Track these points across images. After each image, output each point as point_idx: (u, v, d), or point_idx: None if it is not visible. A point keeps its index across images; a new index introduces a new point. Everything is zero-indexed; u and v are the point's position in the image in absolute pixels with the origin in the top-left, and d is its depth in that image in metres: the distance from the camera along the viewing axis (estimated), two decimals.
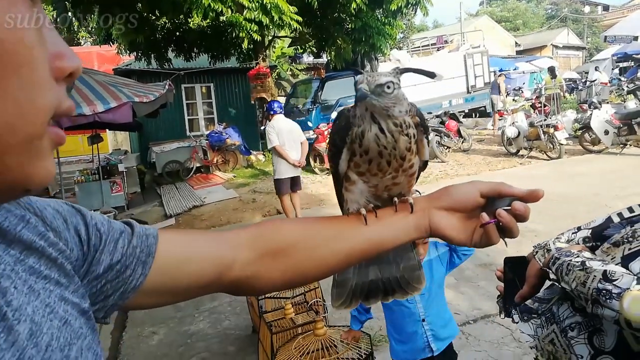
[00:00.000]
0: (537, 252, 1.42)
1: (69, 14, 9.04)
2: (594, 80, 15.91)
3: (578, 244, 1.40)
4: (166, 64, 10.54)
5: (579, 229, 1.43)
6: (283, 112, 6.54)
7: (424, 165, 0.81)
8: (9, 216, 0.46)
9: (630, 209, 1.33)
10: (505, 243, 0.72)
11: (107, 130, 11.36)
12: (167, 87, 6.71)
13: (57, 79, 0.37)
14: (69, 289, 0.49)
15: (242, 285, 0.73)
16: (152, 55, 10.17)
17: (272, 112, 6.28)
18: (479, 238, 0.72)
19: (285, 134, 6.31)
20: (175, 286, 0.67)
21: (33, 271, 0.45)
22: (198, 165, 12.63)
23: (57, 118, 0.38)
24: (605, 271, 1.10)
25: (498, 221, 0.70)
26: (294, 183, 6.41)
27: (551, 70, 16.08)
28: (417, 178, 0.83)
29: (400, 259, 0.83)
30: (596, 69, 17.22)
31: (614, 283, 1.07)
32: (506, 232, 0.71)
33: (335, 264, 0.77)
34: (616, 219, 1.36)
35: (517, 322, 1.41)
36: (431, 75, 0.79)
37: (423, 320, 2.20)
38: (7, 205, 0.46)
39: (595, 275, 1.11)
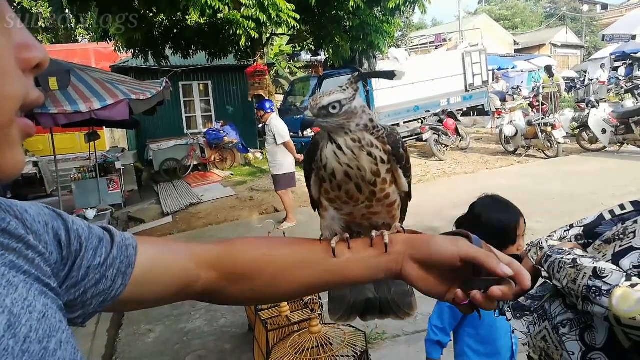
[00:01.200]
0: (530, 249, 1.42)
1: (66, 11, 9.01)
2: (592, 80, 15.93)
3: (570, 241, 1.40)
4: (163, 61, 10.49)
5: (571, 226, 1.43)
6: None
7: (407, 196, 0.77)
8: None
9: (622, 206, 1.33)
10: (480, 316, 0.68)
11: (104, 127, 11.35)
12: (164, 84, 6.68)
13: (24, 70, 0.37)
14: (48, 287, 0.49)
15: (206, 299, 0.76)
16: (150, 52, 10.13)
17: (267, 111, 6.30)
18: (452, 299, 0.66)
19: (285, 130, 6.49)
20: (147, 296, 0.68)
21: (13, 266, 0.46)
22: (195, 163, 12.61)
23: (26, 109, 0.38)
24: (595, 268, 1.09)
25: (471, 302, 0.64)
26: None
27: (548, 69, 16.08)
28: (405, 210, 0.78)
29: (392, 283, 0.80)
30: (601, 66, 17.21)
31: (603, 280, 1.07)
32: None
33: (296, 292, 0.78)
34: (608, 216, 1.36)
35: (510, 320, 1.41)
36: (390, 75, 0.75)
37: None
38: None
39: (585, 273, 1.11)
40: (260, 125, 6.75)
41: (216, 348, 3.67)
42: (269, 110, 6.41)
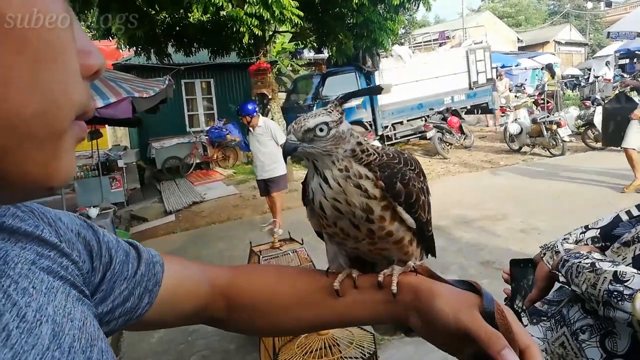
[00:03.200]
0: (544, 253, 1.37)
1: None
2: (597, 77, 15.84)
3: (587, 244, 1.35)
4: (166, 59, 10.44)
5: (587, 228, 1.39)
6: None
7: (422, 230, 0.68)
8: (25, 222, 0.46)
9: (639, 207, 1.29)
10: None
11: (106, 126, 11.30)
12: (167, 82, 6.64)
13: (84, 76, 0.36)
14: (83, 293, 0.48)
15: (215, 324, 0.75)
16: (152, 50, 10.08)
17: (254, 114, 6.10)
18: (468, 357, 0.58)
19: None
20: (169, 315, 0.67)
21: (50, 270, 0.44)
22: (198, 161, 12.60)
23: (83, 117, 0.37)
24: (615, 272, 1.05)
25: None
26: None
27: (549, 68, 16.00)
28: (427, 242, 0.71)
29: None
30: (607, 64, 17.12)
31: (625, 284, 1.02)
32: None
33: (299, 329, 0.78)
34: (625, 217, 1.31)
35: (526, 325, 1.36)
36: (378, 90, 0.69)
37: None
38: (20, 214, 0.46)
39: (605, 277, 1.06)
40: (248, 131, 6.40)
41: (220, 348, 3.63)
42: (255, 113, 6.15)
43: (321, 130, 0.60)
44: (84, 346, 0.42)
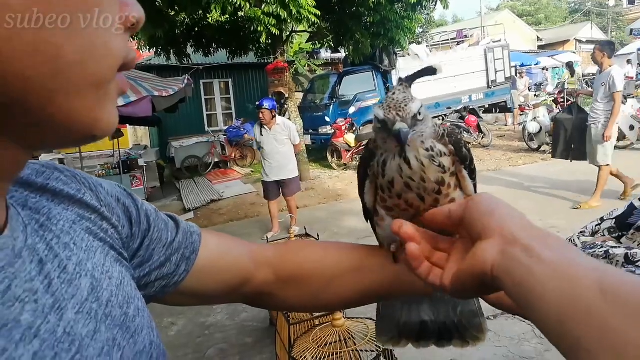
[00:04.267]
0: None
1: None
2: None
3: (603, 235, 1.36)
4: (185, 59, 10.60)
5: (602, 220, 1.39)
6: None
7: None
8: (68, 185, 0.48)
9: None
10: None
11: (127, 125, 11.50)
12: (186, 81, 6.75)
13: (124, 27, 0.37)
14: (122, 256, 0.51)
15: (258, 300, 0.74)
16: (172, 50, 10.25)
17: (274, 109, 5.99)
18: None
19: None
20: (205, 289, 0.67)
21: (90, 232, 0.47)
22: (216, 160, 12.73)
23: (124, 68, 0.38)
24: (627, 254, 1.06)
25: None
26: None
27: (569, 66, 15.74)
28: None
29: (458, 301, 0.71)
30: (628, 62, 16.76)
31: (636, 264, 1.04)
32: None
33: (352, 299, 0.73)
34: (638, 204, 1.32)
35: None
36: (432, 71, 0.68)
37: None
38: (64, 178, 0.48)
39: (618, 260, 1.08)
40: (256, 128, 6.19)
41: (238, 342, 3.69)
42: (275, 109, 6.03)
43: (420, 113, 0.59)
44: (121, 302, 0.44)
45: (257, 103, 6.05)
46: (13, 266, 0.35)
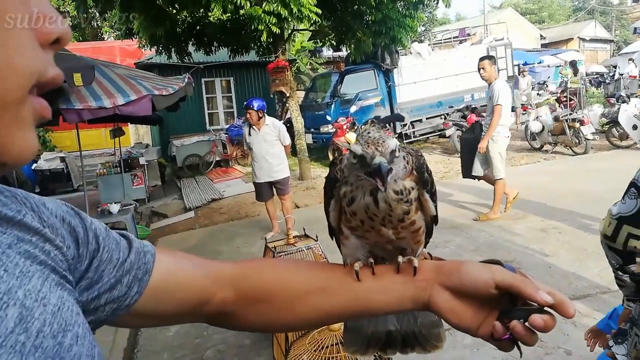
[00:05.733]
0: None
1: (92, 9, 9.16)
2: (622, 74, 15.46)
3: None
4: (186, 57, 10.58)
5: None
6: None
7: (433, 220, 0.70)
8: (7, 206, 0.44)
9: None
10: (521, 353, 0.59)
11: (128, 124, 11.52)
12: (186, 80, 6.71)
13: (42, 44, 0.34)
14: (65, 279, 0.47)
15: (220, 320, 0.71)
16: (173, 49, 10.23)
17: (264, 110, 5.93)
18: (487, 333, 0.60)
19: None
20: (161, 310, 0.64)
21: (28, 255, 0.43)
22: (217, 159, 12.74)
23: (43, 88, 0.35)
24: None
25: (512, 336, 0.57)
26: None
27: (573, 65, 15.67)
28: (430, 234, 0.72)
29: (418, 313, 0.74)
30: (629, 61, 16.68)
31: None
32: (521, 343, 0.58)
33: (315, 320, 0.73)
34: None
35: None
36: (401, 118, 0.69)
37: None
38: (3, 199, 0.45)
39: None
40: (245, 129, 6.16)
41: (236, 343, 3.67)
42: (264, 110, 5.97)
43: (398, 150, 0.60)
44: (55, 331, 0.41)
45: (245, 103, 6.03)
46: None
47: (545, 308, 0.56)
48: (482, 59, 6.11)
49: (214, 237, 6.79)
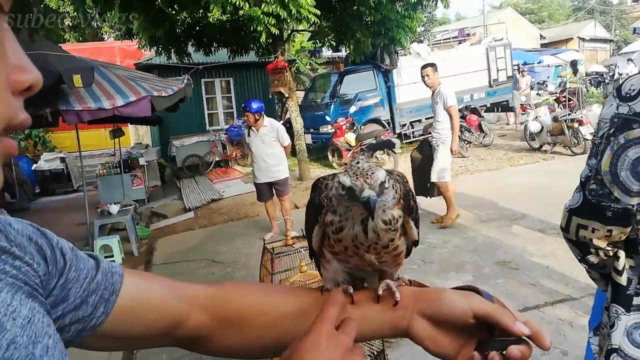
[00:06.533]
0: None
1: (92, 9, 9.17)
2: (621, 74, 15.47)
3: None
4: (186, 58, 10.60)
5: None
6: None
7: (414, 243, 0.70)
8: None
9: None
10: None
11: (128, 124, 11.53)
12: (185, 81, 6.74)
13: (14, 91, 0.36)
14: (36, 291, 0.48)
15: (194, 344, 0.70)
16: (172, 49, 10.25)
17: (261, 112, 5.93)
18: None
19: None
20: (130, 333, 0.63)
21: None
22: (217, 159, 12.76)
23: (11, 130, 0.37)
24: None
25: None
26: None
27: (573, 65, 15.69)
28: (409, 254, 0.72)
29: None
30: (629, 60, 16.70)
31: None
32: None
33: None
34: None
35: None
36: (391, 144, 0.68)
37: None
38: None
39: None
40: (245, 131, 6.20)
41: None
42: (262, 112, 5.98)
43: (388, 181, 0.60)
44: (25, 343, 0.42)
45: (243, 105, 6.06)
46: None
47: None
48: (425, 67, 6.18)
49: (213, 237, 6.80)
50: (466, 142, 11.09)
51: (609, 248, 1.17)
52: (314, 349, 0.53)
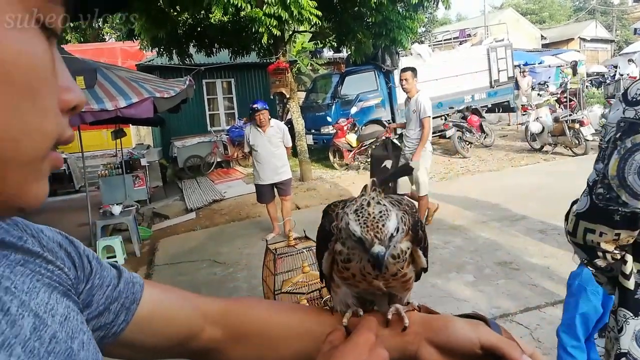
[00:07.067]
0: None
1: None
2: (622, 75, 15.47)
3: None
4: (187, 59, 10.63)
5: None
6: None
7: (423, 270, 0.71)
8: (10, 233, 0.49)
9: None
10: None
11: (130, 125, 11.55)
12: (187, 82, 6.76)
13: (62, 110, 0.40)
14: (70, 291, 0.52)
15: (204, 356, 0.72)
16: (174, 50, 10.28)
17: (267, 108, 5.95)
18: None
19: None
20: (148, 342, 0.65)
21: (35, 272, 0.48)
22: (219, 160, 12.77)
23: (58, 145, 0.41)
24: None
25: None
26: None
27: (573, 66, 15.70)
28: (418, 278, 0.72)
29: None
30: (630, 61, 16.69)
31: None
32: None
33: None
34: None
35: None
36: (409, 170, 0.68)
37: None
38: (5, 226, 0.49)
39: None
40: (248, 130, 6.18)
41: None
42: (267, 109, 6.01)
43: (397, 230, 0.59)
44: (64, 338, 0.46)
45: (254, 106, 6.00)
46: None
47: None
48: (405, 70, 5.87)
49: (215, 238, 6.82)
50: (467, 143, 11.11)
51: (616, 252, 1.17)
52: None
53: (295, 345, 0.70)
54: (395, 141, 6.81)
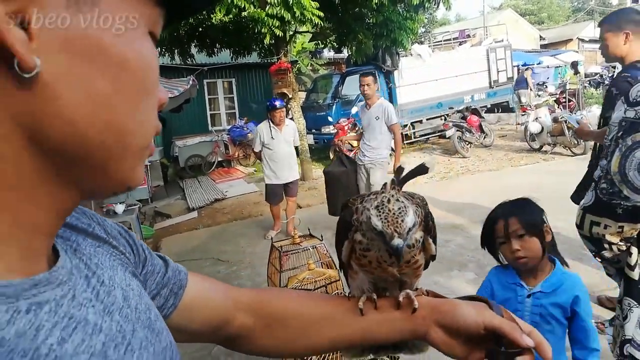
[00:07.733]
0: None
1: None
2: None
3: None
4: (189, 59, 10.68)
5: None
6: None
7: (432, 257, 0.78)
8: (80, 220, 0.56)
9: None
10: None
11: None
12: (190, 82, 6.82)
13: (158, 106, 0.48)
14: (135, 273, 0.59)
15: (236, 342, 0.77)
16: (176, 50, 10.33)
17: (284, 106, 5.93)
18: None
19: None
20: (189, 327, 0.71)
21: (110, 254, 0.55)
22: (220, 159, 12.81)
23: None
24: None
25: None
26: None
27: (574, 66, 15.76)
28: (427, 266, 0.79)
29: None
30: None
31: None
32: None
33: (321, 347, 0.81)
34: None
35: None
36: (425, 170, 0.75)
37: None
38: (76, 214, 0.56)
39: None
40: (260, 128, 5.97)
41: None
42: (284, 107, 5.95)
43: (414, 225, 0.67)
44: (143, 309, 0.52)
45: (274, 103, 5.85)
46: (71, 280, 0.45)
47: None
48: (366, 75, 5.48)
49: (217, 237, 6.87)
50: (467, 143, 11.17)
51: (621, 243, 1.23)
52: None
53: (323, 331, 0.76)
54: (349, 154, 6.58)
